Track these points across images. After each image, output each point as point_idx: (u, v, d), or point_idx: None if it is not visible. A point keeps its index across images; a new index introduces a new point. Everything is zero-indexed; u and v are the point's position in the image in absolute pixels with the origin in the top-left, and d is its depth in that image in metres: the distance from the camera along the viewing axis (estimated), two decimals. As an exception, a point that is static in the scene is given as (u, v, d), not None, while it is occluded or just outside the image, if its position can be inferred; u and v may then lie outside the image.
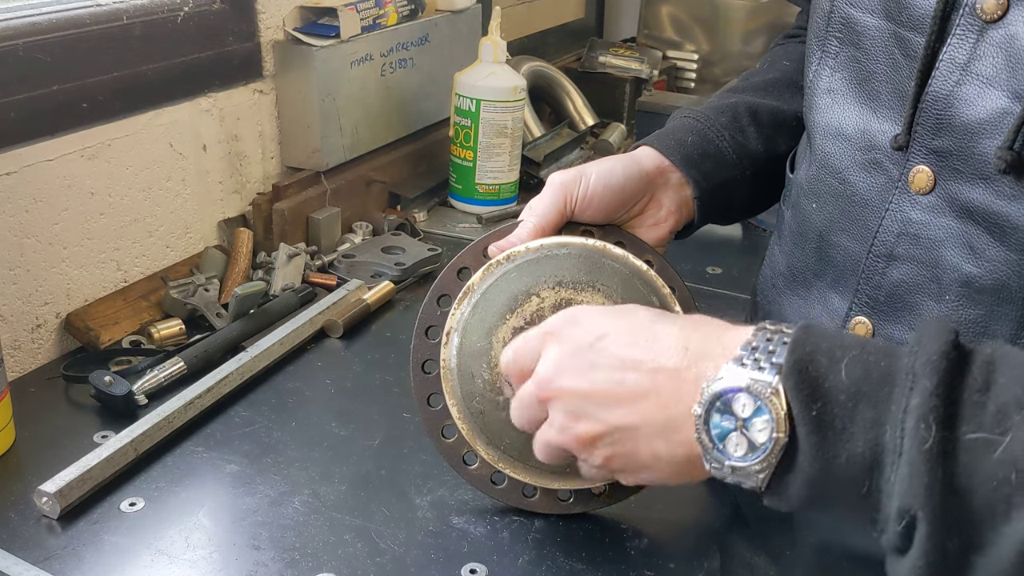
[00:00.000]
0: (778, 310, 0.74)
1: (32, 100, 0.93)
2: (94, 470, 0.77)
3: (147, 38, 1.05)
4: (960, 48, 0.58)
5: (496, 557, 0.73)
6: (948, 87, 0.59)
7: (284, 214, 1.22)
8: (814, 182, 0.70)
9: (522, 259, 0.71)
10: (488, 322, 0.70)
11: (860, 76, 0.65)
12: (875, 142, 0.64)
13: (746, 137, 0.79)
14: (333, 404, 0.93)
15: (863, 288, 0.66)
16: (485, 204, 1.43)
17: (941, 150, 0.60)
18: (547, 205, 0.73)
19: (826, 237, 0.69)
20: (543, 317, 0.67)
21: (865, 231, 0.66)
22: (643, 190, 0.76)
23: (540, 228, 0.73)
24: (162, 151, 1.10)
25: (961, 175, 0.59)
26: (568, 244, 0.71)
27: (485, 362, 0.70)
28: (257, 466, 0.83)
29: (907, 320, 0.64)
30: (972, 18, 0.57)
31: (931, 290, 0.62)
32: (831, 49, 0.67)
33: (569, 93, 1.79)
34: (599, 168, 0.74)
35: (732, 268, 1.26)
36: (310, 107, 1.25)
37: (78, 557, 0.72)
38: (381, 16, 1.34)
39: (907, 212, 0.63)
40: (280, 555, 0.72)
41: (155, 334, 1.01)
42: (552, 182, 0.74)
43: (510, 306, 0.69)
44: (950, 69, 0.58)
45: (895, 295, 0.65)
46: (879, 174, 0.64)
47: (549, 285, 0.69)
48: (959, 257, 0.60)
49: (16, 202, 0.94)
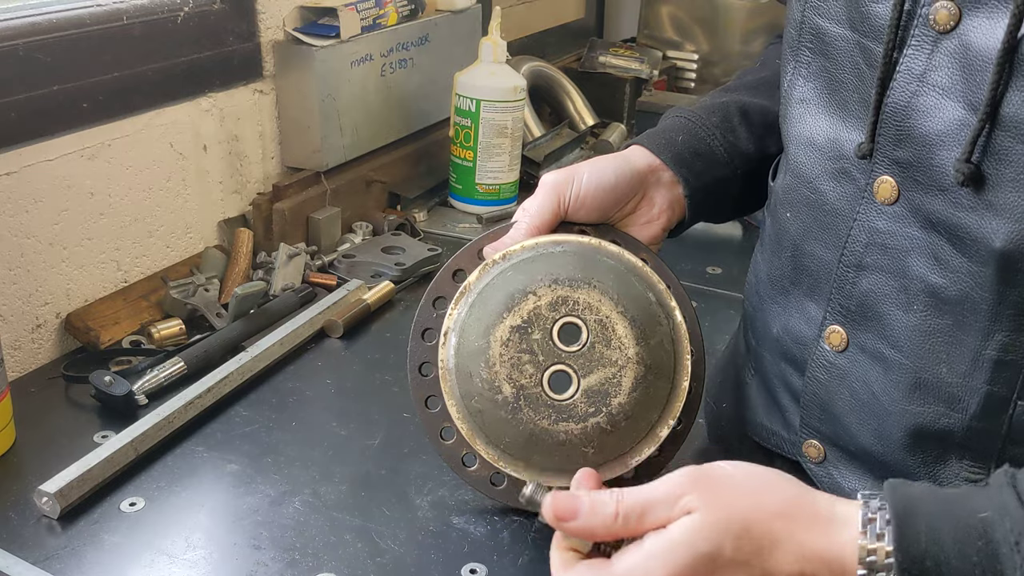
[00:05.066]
0: (763, 317, 0.74)
1: (32, 100, 0.93)
2: (94, 470, 0.77)
3: (147, 38, 1.05)
4: (916, 59, 0.58)
5: (496, 557, 0.73)
6: (906, 97, 0.58)
7: (284, 214, 1.22)
8: (788, 191, 0.70)
9: (518, 258, 0.71)
10: (485, 321, 0.70)
11: (830, 86, 0.65)
12: (843, 151, 0.64)
13: (736, 137, 0.79)
14: (333, 404, 0.93)
15: (835, 297, 0.66)
16: (485, 204, 1.43)
17: (903, 160, 0.60)
18: (540, 206, 0.73)
19: (800, 246, 0.69)
20: (540, 315, 0.67)
21: (836, 240, 0.65)
22: (635, 189, 0.76)
23: (535, 228, 0.73)
24: (162, 151, 1.10)
25: (922, 186, 0.59)
26: (563, 242, 0.72)
27: (483, 361, 0.69)
28: (257, 466, 0.83)
29: (878, 329, 0.64)
30: (926, 28, 0.57)
31: (900, 300, 0.62)
32: (803, 59, 0.67)
33: (569, 93, 1.79)
34: (591, 168, 0.74)
35: (732, 268, 1.26)
36: (310, 107, 1.25)
37: (78, 557, 0.72)
38: (381, 16, 1.34)
39: (874, 222, 0.62)
40: (280, 555, 0.72)
41: (155, 334, 1.01)
42: (545, 183, 0.74)
43: (507, 304, 0.69)
44: (907, 79, 0.58)
45: (865, 304, 0.64)
46: (847, 183, 0.64)
47: (545, 283, 0.69)
48: (925, 267, 0.60)
49: (16, 202, 0.94)
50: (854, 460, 0.68)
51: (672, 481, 0.55)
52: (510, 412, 0.69)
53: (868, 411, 0.65)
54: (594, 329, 0.68)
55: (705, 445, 0.87)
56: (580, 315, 0.68)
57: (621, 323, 0.68)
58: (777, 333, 0.72)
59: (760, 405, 0.76)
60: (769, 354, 0.74)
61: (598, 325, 0.68)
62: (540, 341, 0.68)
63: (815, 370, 0.68)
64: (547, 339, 0.68)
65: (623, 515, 0.55)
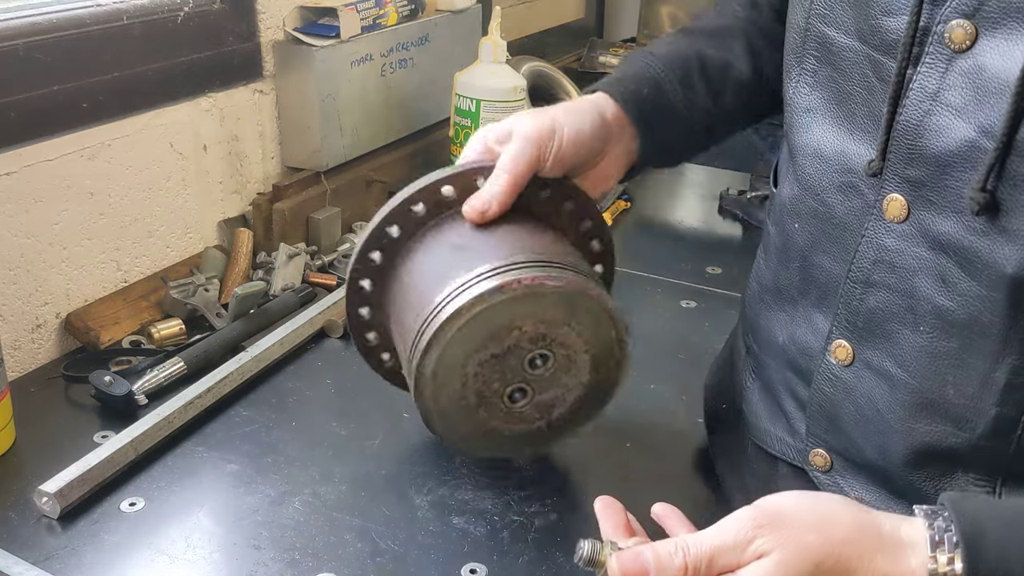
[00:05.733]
0: (767, 324, 0.74)
1: (32, 100, 0.93)
2: (94, 470, 0.78)
3: (147, 38, 1.05)
4: (930, 77, 0.57)
5: (496, 557, 0.73)
6: (919, 116, 0.57)
7: (284, 214, 1.22)
8: (796, 201, 0.69)
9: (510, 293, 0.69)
10: (469, 346, 0.70)
11: (837, 96, 0.64)
12: (851, 165, 0.63)
13: (695, 93, 0.79)
14: (333, 404, 0.93)
15: (842, 312, 0.65)
16: (485, 204, 1.43)
17: (914, 179, 0.59)
18: (523, 163, 0.72)
19: (808, 257, 0.68)
20: (520, 346, 0.70)
21: (844, 254, 0.65)
22: (604, 144, 0.77)
23: (517, 186, 0.72)
24: (162, 151, 1.10)
25: (934, 206, 0.58)
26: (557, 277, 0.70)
27: (459, 377, 0.71)
28: (257, 466, 0.83)
29: (885, 347, 0.63)
30: (941, 46, 0.56)
31: (907, 319, 0.61)
32: (808, 67, 0.66)
33: (569, 93, 1.78)
34: (570, 122, 0.73)
35: (732, 268, 1.26)
36: (310, 107, 1.25)
37: (78, 557, 0.72)
38: (381, 16, 1.34)
39: (882, 239, 0.62)
40: (280, 555, 0.72)
41: (155, 334, 1.01)
42: (525, 135, 0.72)
43: (493, 336, 0.70)
44: (920, 98, 0.57)
45: (873, 321, 0.64)
46: (856, 197, 0.63)
47: (531, 322, 0.70)
48: (932, 289, 0.59)
49: (16, 202, 0.94)
50: (861, 471, 0.67)
51: (737, 524, 0.54)
52: (466, 409, 0.72)
53: (873, 427, 0.65)
54: (560, 360, 0.72)
55: (704, 444, 0.87)
56: (553, 349, 0.72)
57: (583, 358, 0.73)
58: (783, 342, 0.71)
59: (763, 411, 0.75)
60: (774, 361, 0.73)
61: (565, 358, 0.72)
62: (513, 366, 0.71)
63: (821, 383, 0.68)
64: (520, 365, 0.71)
65: (692, 567, 0.54)
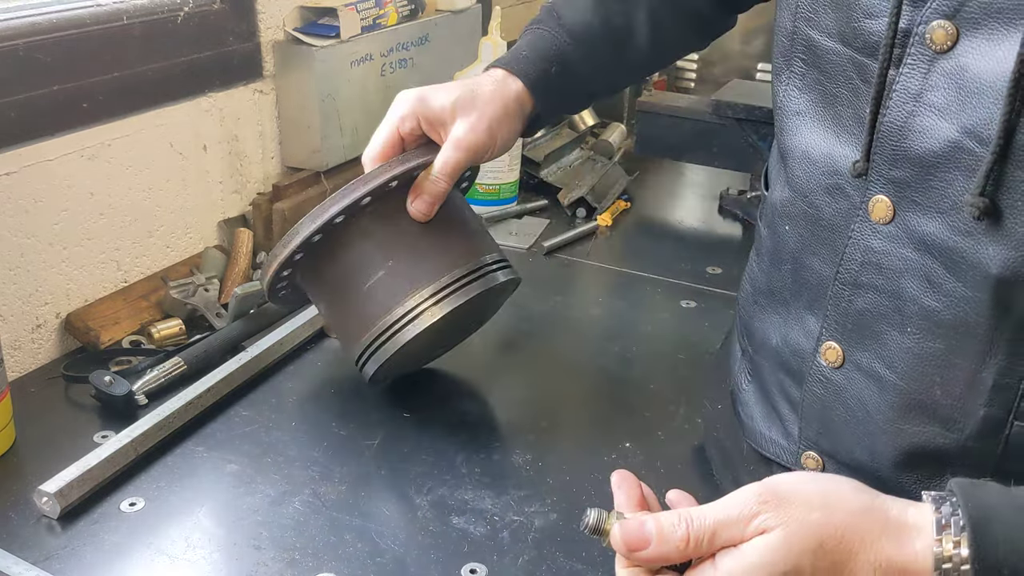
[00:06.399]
0: (761, 326, 0.74)
1: (32, 100, 0.93)
2: (94, 470, 0.78)
3: (147, 38, 1.05)
4: (912, 78, 0.57)
5: (496, 557, 0.73)
6: (902, 117, 0.58)
7: (284, 214, 1.22)
8: (786, 204, 0.69)
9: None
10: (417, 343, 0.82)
11: (824, 99, 0.64)
12: (838, 167, 0.63)
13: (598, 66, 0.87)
14: (333, 404, 0.93)
15: (831, 314, 0.65)
16: (485, 204, 1.43)
17: (899, 180, 0.59)
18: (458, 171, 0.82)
19: (799, 259, 0.68)
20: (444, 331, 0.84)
21: (833, 256, 0.65)
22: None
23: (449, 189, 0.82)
24: (162, 151, 1.10)
25: (919, 207, 0.58)
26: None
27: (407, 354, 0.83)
28: (257, 466, 0.83)
29: (874, 348, 0.63)
30: (922, 47, 0.56)
31: (895, 321, 0.62)
32: (797, 70, 0.66)
33: (569, 93, 1.78)
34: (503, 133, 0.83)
35: (732, 268, 1.26)
36: (310, 107, 1.25)
37: (78, 557, 0.72)
38: (381, 16, 1.35)
39: (869, 240, 0.62)
40: (280, 555, 0.72)
41: (155, 334, 1.01)
42: (465, 146, 0.81)
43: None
44: (903, 99, 0.57)
45: (862, 323, 0.64)
46: (842, 199, 0.63)
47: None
48: (919, 290, 0.60)
49: (16, 202, 0.94)
50: (852, 474, 0.67)
51: (741, 500, 0.54)
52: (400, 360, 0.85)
53: (862, 429, 0.65)
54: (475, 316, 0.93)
55: (702, 444, 0.88)
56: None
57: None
58: (777, 344, 0.72)
59: (758, 413, 0.75)
60: (768, 363, 0.73)
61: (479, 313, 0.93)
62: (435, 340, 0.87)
63: (812, 385, 0.68)
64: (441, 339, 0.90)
65: (694, 539, 0.54)
